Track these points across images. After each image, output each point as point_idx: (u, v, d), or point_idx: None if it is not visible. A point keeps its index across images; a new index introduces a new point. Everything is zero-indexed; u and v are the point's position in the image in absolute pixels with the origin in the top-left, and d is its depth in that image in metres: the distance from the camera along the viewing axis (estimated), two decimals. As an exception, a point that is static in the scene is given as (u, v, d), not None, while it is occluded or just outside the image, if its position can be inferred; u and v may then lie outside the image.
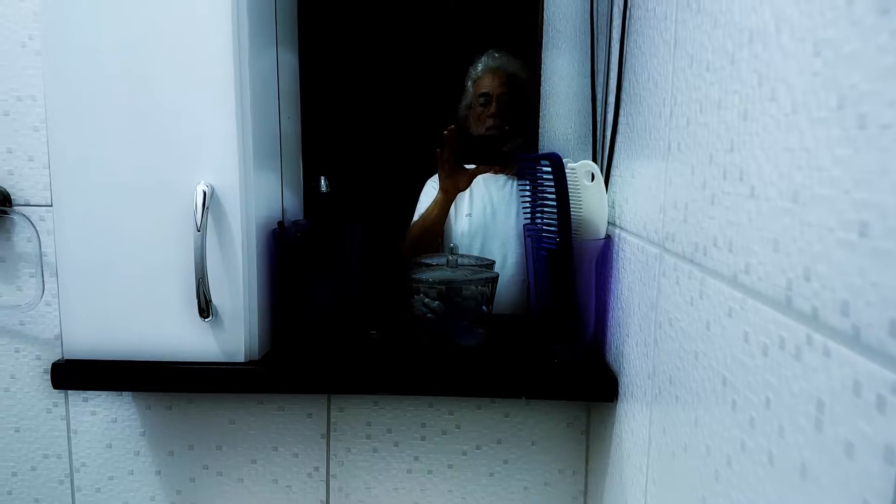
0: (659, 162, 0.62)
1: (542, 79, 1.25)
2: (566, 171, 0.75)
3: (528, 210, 0.88)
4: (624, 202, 0.75)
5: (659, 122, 0.63)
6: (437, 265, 0.88)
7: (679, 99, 0.58)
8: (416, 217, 1.39)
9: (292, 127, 0.95)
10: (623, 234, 0.74)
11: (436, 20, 1.52)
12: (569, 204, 0.74)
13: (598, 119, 0.88)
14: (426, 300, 0.81)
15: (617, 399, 0.75)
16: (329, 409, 0.90)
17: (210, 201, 0.76)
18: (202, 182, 0.76)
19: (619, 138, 0.78)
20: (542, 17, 1.29)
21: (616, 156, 0.79)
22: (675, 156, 0.58)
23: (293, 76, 0.95)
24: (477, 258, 0.99)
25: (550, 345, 0.81)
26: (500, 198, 1.41)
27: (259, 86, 0.80)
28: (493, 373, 0.78)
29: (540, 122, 1.26)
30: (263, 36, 0.82)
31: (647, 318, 0.64)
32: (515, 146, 1.22)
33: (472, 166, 1.31)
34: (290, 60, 0.93)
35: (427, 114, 1.45)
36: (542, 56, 1.27)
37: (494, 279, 0.83)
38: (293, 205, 0.94)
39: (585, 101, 0.94)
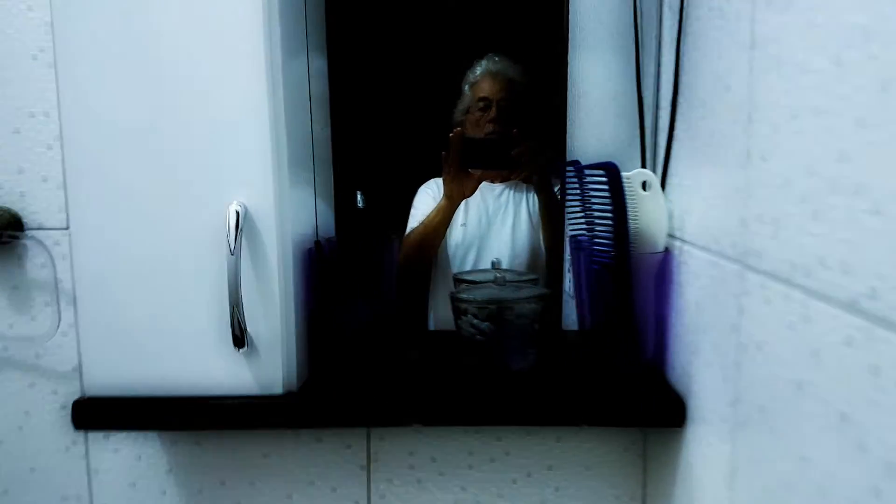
0: (735, 171, 0.58)
1: (570, 83, 1.21)
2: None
3: (576, 221, 0.84)
4: (686, 213, 0.70)
5: (733, 128, 0.58)
6: (483, 282, 0.84)
7: (760, 104, 0.54)
8: (410, 226, 1.31)
9: (324, 135, 0.90)
10: (686, 248, 0.69)
11: (462, 23, 1.48)
12: (627, 216, 0.70)
13: (648, 124, 0.83)
14: (475, 321, 0.76)
15: (685, 423, 0.70)
16: (369, 439, 0.85)
17: (244, 223, 0.71)
18: (234, 202, 0.71)
19: (676, 145, 0.74)
20: (568, 18, 1.24)
21: (673, 163, 0.75)
22: (759, 165, 0.54)
23: (323, 81, 0.90)
24: (518, 272, 0.94)
25: (607, 364, 0.76)
26: (496, 207, 1.36)
27: (292, 93, 0.75)
28: (547, 398, 0.73)
29: (568, 128, 1.21)
30: (295, 40, 0.78)
31: (726, 340, 0.59)
32: (535, 153, 1.16)
33: (473, 171, 1.25)
34: (320, 65, 0.88)
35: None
36: (570, 59, 1.23)
37: (547, 296, 0.78)
38: (326, 220, 0.90)
39: (628, 105, 0.90)
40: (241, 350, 0.73)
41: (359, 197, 0.85)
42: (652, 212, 0.73)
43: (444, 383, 0.77)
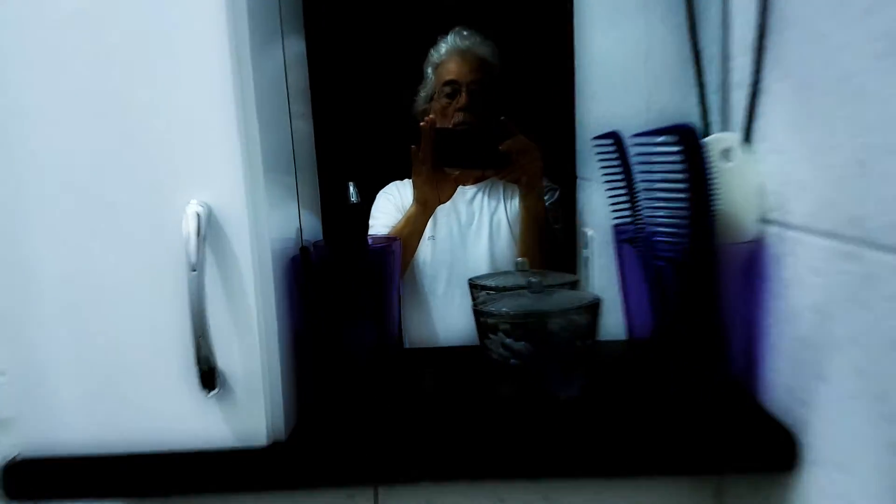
0: (888, 123, 0.41)
1: (578, 48, 1.03)
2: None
3: (620, 207, 0.67)
4: (788, 189, 0.54)
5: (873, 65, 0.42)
6: (513, 289, 0.67)
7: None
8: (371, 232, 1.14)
9: (305, 128, 0.73)
10: (793, 235, 0.53)
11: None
12: (711, 194, 0.53)
13: (712, 82, 0.66)
14: (506, 340, 0.59)
15: (796, 467, 0.53)
16: (377, 496, 0.68)
17: (207, 228, 0.54)
18: (194, 201, 0.54)
19: (766, 100, 0.57)
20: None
21: (762, 125, 0.58)
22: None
23: (302, 68, 0.73)
24: (546, 273, 0.77)
25: (679, 386, 0.59)
26: (469, 215, 1.17)
27: (264, 79, 0.58)
28: (606, 437, 0.57)
29: (577, 104, 1.04)
30: (267, 21, 0.61)
31: (878, 361, 0.43)
32: (526, 149, 1.00)
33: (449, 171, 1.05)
34: (297, 50, 0.71)
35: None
36: (576, 20, 1.05)
37: (597, 305, 0.61)
38: (311, 223, 0.72)
39: (668, 64, 0.73)
40: (211, 393, 0.56)
41: (351, 190, 0.68)
42: (737, 189, 0.57)
43: (471, 421, 0.61)
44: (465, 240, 1.17)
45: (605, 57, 0.88)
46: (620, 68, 0.81)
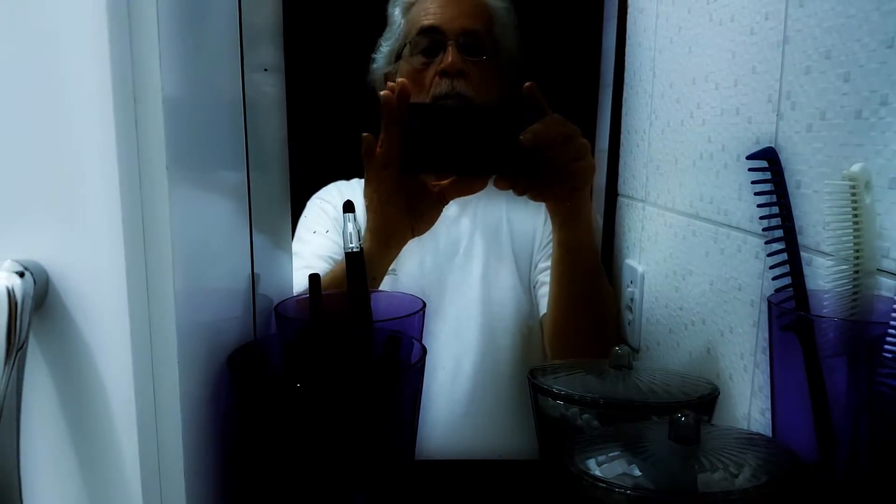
0: None
1: (631, 15, 0.77)
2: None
3: (779, 263, 0.41)
4: None
5: None
6: (621, 407, 0.39)
7: None
8: (295, 272, 0.67)
9: (272, 91, 0.44)
10: None
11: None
12: None
13: None
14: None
15: None
16: None
17: (29, 304, 0.26)
18: (8, 261, 0.26)
19: None
20: None
21: None
22: None
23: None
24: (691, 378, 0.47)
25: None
26: (449, 242, 0.77)
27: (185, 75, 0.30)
28: None
29: (626, 91, 0.77)
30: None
31: None
32: (568, 138, 0.58)
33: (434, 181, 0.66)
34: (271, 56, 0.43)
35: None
36: None
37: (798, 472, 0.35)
38: (274, 273, 0.44)
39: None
40: None
41: (350, 228, 0.40)
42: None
43: None
44: (442, 278, 0.76)
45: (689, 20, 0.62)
46: (729, 41, 0.55)
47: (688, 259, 0.61)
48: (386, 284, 0.68)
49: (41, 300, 0.25)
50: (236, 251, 0.37)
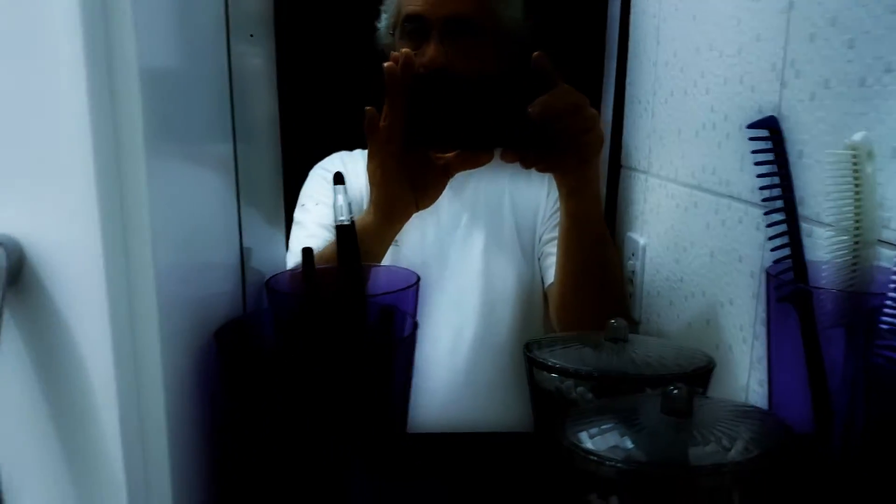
0: None
1: None
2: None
3: (778, 233, 0.40)
4: None
5: None
6: (617, 379, 0.39)
7: None
8: (296, 241, 0.70)
9: (259, 62, 0.44)
10: None
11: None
12: None
13: None
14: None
15: None
16: None
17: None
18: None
19: None
20: None
21: None
22: None
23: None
24: (693, 353, 0.46)
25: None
26: (452, 215, 0.77)
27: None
28: None
29: (630, 58, 0.74)
30: None
31: None
32: (577, 109, 0.56)
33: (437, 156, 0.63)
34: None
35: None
36: None
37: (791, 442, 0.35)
38: (266, 247, 0.44)
39: None
40: None
41: (340, 200, 0.39)
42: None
43: None
44: (444, 251, 0.76)
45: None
46: (734, 7, 0.54)
47: (689, 231, 0.60)
48: (388, 256, 0.67)
49: (16, 275, 0.25)
50: (224, 225, 0.36)
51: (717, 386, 0.54)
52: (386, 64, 0.55)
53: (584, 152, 0.57)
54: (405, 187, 0.59)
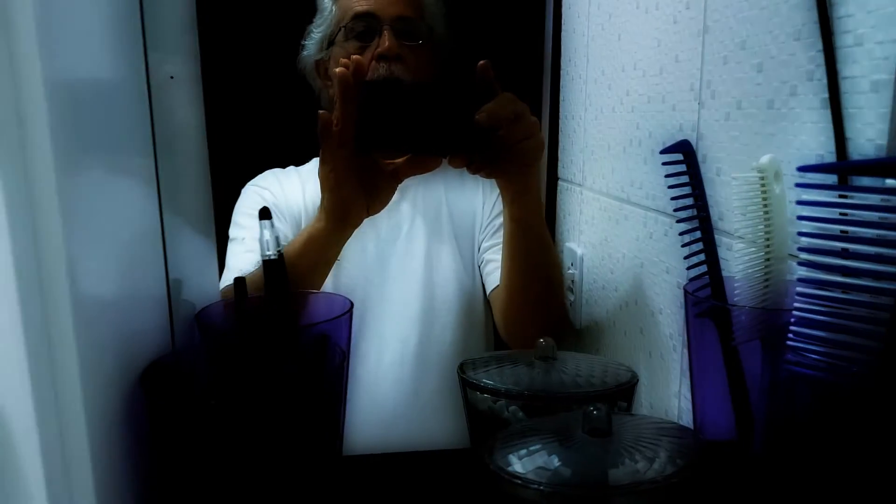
0: None
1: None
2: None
3: (694, 252, 0.42)
4: None
5: None
6: (540, 398, 0.40)
7: None
8: (232, 265, 0.72)
9: (187, 68, 0.43)
10: None
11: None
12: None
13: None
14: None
15: None
16: None
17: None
18: None
19: None
20: None
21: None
22: None
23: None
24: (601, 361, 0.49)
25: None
26: (391, 227, 0.79)
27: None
28: None
29: (563, 77, 0.77)
30: None
31: None
32: (519, 117, 0.57)
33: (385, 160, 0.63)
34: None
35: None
36: None
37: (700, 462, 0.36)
38: (197, 275, 0.43)
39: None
40: None
41: (266, 235, 0.39)
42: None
43: None
44: (385, 263, 0.78)
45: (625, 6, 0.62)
46: (654, 28, 0.56)
47: (621, 242, 0.62)
48: (331, 273, 0.68)
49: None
50: (150, 254, 0.36)
51: (651, 393, 0.56)
52: (338, 69, 0.56)
53: (526, 157, 0.59)
54: (357, 192, 0.60)
